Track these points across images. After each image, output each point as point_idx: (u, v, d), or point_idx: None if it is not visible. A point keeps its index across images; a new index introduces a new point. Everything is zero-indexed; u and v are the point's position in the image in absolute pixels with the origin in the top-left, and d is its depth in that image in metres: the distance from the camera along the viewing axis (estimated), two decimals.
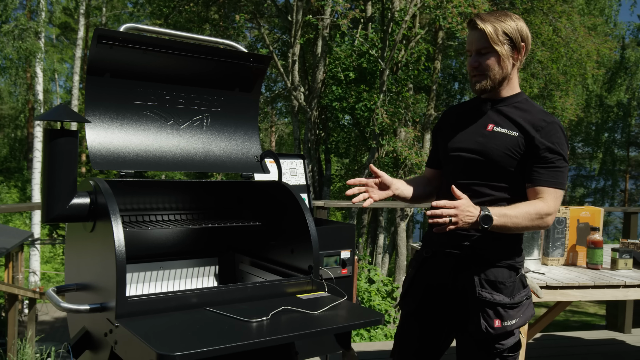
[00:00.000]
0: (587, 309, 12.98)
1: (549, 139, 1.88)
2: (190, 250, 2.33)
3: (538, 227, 1.89)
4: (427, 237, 2.13)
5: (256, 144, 2.25)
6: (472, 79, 1.96)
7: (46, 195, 1.65)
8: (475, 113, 2.02)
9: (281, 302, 1.72)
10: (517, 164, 1.91)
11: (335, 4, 9.56)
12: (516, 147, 1.89)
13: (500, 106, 1.98)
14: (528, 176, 1.91)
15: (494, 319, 1.89)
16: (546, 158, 1.88)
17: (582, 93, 17.65)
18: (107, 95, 1.92)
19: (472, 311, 1.92)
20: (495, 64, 1.91)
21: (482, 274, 1.92)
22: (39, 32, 16.99)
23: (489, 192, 1.94)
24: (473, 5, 9.26)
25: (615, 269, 3.02)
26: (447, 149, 2.04)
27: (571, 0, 15.17)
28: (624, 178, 28.68)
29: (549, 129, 1.89)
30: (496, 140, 1.92)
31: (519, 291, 1.95)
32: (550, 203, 1.88)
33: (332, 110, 12.10)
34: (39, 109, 18.76)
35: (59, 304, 1.62)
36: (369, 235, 14.35)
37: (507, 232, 1.88)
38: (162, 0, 13.87)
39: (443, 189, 2.07)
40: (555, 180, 1.89)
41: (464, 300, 1.95)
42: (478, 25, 1.89)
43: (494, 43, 1.88)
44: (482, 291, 1.91)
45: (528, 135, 1.89)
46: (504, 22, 1.90)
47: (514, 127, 1.92)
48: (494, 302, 1.90)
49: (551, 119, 1.91)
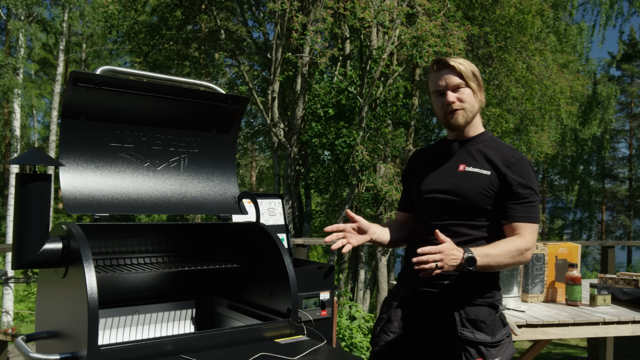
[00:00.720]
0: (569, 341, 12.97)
1: (520, 175, 1.92)
2: (166, 294, 2.28)
3: (519, 262, 1.91)
4: (404, 275, 2.12)
5: (234, 184, 2.24)
6: (451, 115, 1.99)
7: (17, 240, 1.61)
8: (445, 154, 2.06)
9: (259, 347, 1.68)
10: (493, 202, 1.93)
11: (313, 43, 9.69)
12: (490, 185, 1.92)
13: (468, 146, 2.02)
14: (503, 213, 1.93)
15: (476, 358, 1.88)
16: (519, 194, 1.91)
17: (557, 127, 18.02)
18: (83, 138, 1.90)
19: (454, 351, 1.91)
20: (472, 98, 1.98)
21: (463, 313, 1.91)
22: (17, 68, 16.92)
23: (467, 231, 1.95)
24: (448, 44, 9.47)
25: (595, 305, 3.03)
26: (421, 191, 2.05)
27: (543, 38, 15.62)
28: (600, 210, 29.09)
29: (519, 165, 1.93)
30: (469, 180, 1.94)
31: (499, 329, 1.95)
32: (528, 238, 1.90)
33: (312, 146, 12.15)
34: (15, 145, 18.54)
35: (28, 353, 1.56)
36: (350, 271, 14.27)
37: (489, 270, 1.89)
38: (142, 38, 13.94)
39: (418, 231, 2.08)
40: (530, 215, 1.92)
41: (444, 340, 1.94)
42: (450, 63, 1.95)
43: (468, 79, 1.95)
44: (464, 330, 1.89)
45: (500, 172, 1.92)
46: (469, 63, 1.99)
47: (486, 166, 1.95)
48: (475, 341, 1.89)
49: (519, 155, 1.96)
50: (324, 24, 9.52)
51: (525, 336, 2.69)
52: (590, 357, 5.78)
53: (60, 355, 1.54)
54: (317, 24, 9.64)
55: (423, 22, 9.56)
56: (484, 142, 2.02)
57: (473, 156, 1.99)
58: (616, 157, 29.96)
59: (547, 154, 14.33)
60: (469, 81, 1.95)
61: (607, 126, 25.80)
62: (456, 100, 1.96)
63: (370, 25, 10.18)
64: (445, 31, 9.76)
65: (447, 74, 1.97)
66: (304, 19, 9.89)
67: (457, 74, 1.95)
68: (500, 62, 12.43)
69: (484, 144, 2.01)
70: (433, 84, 2.02)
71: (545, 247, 3.16)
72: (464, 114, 1.98)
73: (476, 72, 1.98)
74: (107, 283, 2.11)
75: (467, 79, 1.95)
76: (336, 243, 1.95)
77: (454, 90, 1.97)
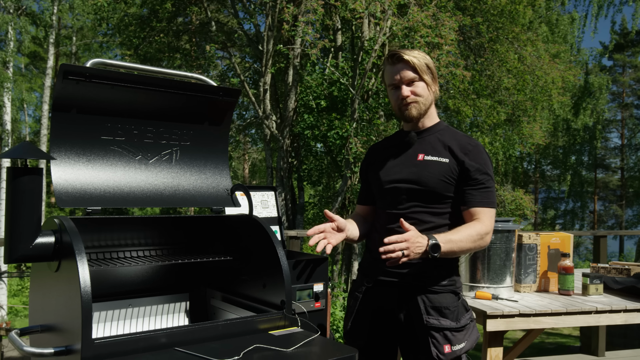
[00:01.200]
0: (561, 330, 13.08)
1: (477, 161, 1.98)
2: (160, 287, 2.28)
3: (479, 247, 1.97)
4: (366, 265, 2.16)
5: (226, 177, 2.23)
6: (405, 107, 2.04)
7: (9, 235, 1.60)
8: (403, 145, 2.10)
9: (253, 339, 1.69)
10: (454, 189, 1.99)
11: (305, 35, 9.66)
12: (449, 172, 1.98)
13: (425, 136, 2.07)
14: (461, 199, 1.99)
15: (443, 344, 1.94)
16: (477, 180, 1.97)
17: (549, 118, 18.07)
18: (74, 132, 1.89)
19: (421, 338, 1.96)
20: (425, 91, 2.03)
21: (427, 301, 1.97)
22: (7, 61, 16.78)
23: (430, 218, 2.00)
24: (440, 35, 9.46)
25: (587, 295, 3.05)
26: (382, 182, 2.09)
27: (535, 28, 15.64)
28: (592, 199, 29.26)
29: (475, 152, 2.00)
30: (429, 169, 1.99)
31: (462, 315, 2.01)
32: (487, 222, 1.96)
33: (304, 138, 12.14)
34: (6, 139, 18.42)
35: (22, 347, 1.56)
36: (344, 263, 14.30)
37: (452, 256, 1.95)
38: (133, 30, 13.84)
39: (380, 222, 2.12)
40: (488, 200, 1.98)
41: (411, 328, 1.99)
42: (405, 57, 2.00)
43: (422, 72, 2.00)
44: (429, 318, 1.95)
45: (458, 159, 1.98)
46: (423, 56, 2.03)
47: (444, 154, 2.01)
48: (441, 327, 1.94)
49: (475, 142, 2.03)
50: (315, 15, 9.49)
51: (518, 325, 2.70)
52: (582, 346, 5.82)
53: (55, 349, 1.53)
54: (308, 15, 9.61)
55: (414, 13, 9.54)
56: (440, 132, 2.08)
57: (431, 145, 2.05)
58: (608, 147, 30.09)
59: (539, 144, 14.39)
60: (422, 75, 2.01)
61: (600, 116, 25.91)
62: (410, 94, 2.02)
63: (361, 16, 10.15)
64: (437, 22, 9.75)
65: (402, 68, 2.02)
66: (294, 10, 9.84)
67: (412, 68, 2.00)
68: (492, 52, 12.44)
69: (440, 134, 2.07)
70: (389, 77, 2.07)
71: (538, 237, 3.18)
72: (417, 107, 2.03)
73: (430, 65, 2.03)
74: (101, 276, 2.11)
75: (421, 72, 2.00)
76: (319, 245, 1.99)
77: (409, 84, 2.01)
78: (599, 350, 5.39)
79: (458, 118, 13.96)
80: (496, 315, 2.66)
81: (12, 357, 12.24)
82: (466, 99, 12.77)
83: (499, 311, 2.67)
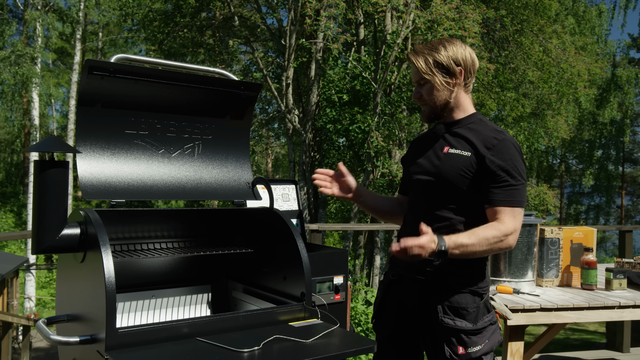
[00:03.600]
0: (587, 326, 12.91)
1: (501, 157, 1.88)
2: (182, 278, 2.32)
3: (500, 249, 1.88)
4: (393, 260, 2.12)
5: (248, 170, 2.26)
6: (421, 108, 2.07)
7: (36, 226, 1.64)
8: (432, 138, 2.08)
9: (273, 330, 1.71)
10: (470, 183, 1.91)
11: (327, 29, 9.65)
12: (469, 166, 1.91)
13: (455, 128, 2.02)
14: (485, 197, 1.91)
15: (457, 345, 1.89)
16: (500, 177, 1.87)
17: (575, 111, 17.79)
18: (98, 126, 1.93)
19: (438, 337, 1.93)
20: (431, 93, 1.98)
21: (446, 301, 1.92)
22: (35, 57, 17.11)
23: (447, 215, 1.95)
24: (463, 28, 9.37)
25: (610, 290, 3.02)
26: (410, 174, 2.09)
27: (562, 20, 15.38)
28: (619, 194, 28.75)
29: (500, 147, 1.89)
30: (451, 162, 1.95)
31: (482, 317, 1.93)
32: (508, 223, 1.86)
33: (327, 133, 12.15)
34: (34, 134, 18.79)
35: (48, 336, 1.61)
36: (366, 257, 14.30)
37: (465, 258, 1.88)
38: (157, 26, 13.98)
39: (406, 214, 2.13)
40: (511, 199, 1.88)
41: (429, 326, 1.96)
42: (411, 59, 1.99)
43: (426, 74, 1.96)
44: (445, 317, 1.91)
45: (479, 154, 1.90)
46: (436, 53, 1.96)
47: (467, 147, 1.94)
48: (456, 328, 1.89)
49: (502, 137, 1.92)
50: (337, 9, 9.47)
51: (540, 320, 2.69)
52: (608, 343, 5.75)
53: (80, 338, 1.58)
54: (330, 9, 9.59)
55: (438, 6, 9.46)
56: (470, 124, 2.01)
57: (457, 138, 2.01)
58: (636, 140, 29.51)
59: (564, 138, 14.18)
60: (427, 76, 1.96)
61: (627, 110, 25.41)
62: (418, 97, 2.02)
63: (384, 10, 10.10)
64: (460, 14, 9.66)
65: (412, 69, 2.02)
66: (317, 5, 9.84)
67: (417, 70, 1.98)
68: (516, 45, 12.28)
69: (470, 126, 2.00)
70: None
71: (561, 231, 3.15)
72: (425, 109, 2.02)
73: (442, 60, 1.95)
74: (125, 268, 2.15)
75: (425, 74, 1.96)
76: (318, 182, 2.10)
77: (419, 84, 2.01)
78: (624, 346, 5.33)
79: (482, 111, 13.83)
80: (517, 310, 2.65)
81: (41, 347, 12.52)
82: (490, 92, 12.64)
83: (520, 305, 2.65)
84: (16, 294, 13.59)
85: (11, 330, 6.93)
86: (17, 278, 13.67)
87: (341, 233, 22.46)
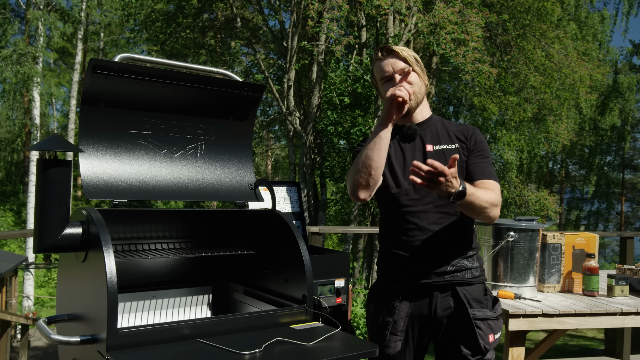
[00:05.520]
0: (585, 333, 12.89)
1: (479, 139, 2.02)
2: (183, 279, 2.31)
3: (490, 216, 1.90)
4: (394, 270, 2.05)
5: (250, 172, 2.25)
6: None
7: (38, 225, 1.63)
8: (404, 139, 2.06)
9: (274, 333, 1.70)
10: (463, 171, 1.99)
11: (329, 31, 9.66)
12: (460, 157, 1.99)
13: (425, 127, 2.06)
14: (470, 173, 1.98)
15: (488, 334, 1.95)
16: (483, 155, 2.00)
17: (576, 117, 17.79)
18: (101, 125, 1.93)
19: (467, 332, 1.95)
20: (418, 80, 2.00)
21: (468, 294, 1.98)
22: (37, 56, 17.12)
23: (447, 210, 1.98)
24: (466, 31, 9.38)
25: (612, 296, 3.01)
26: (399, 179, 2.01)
27: (564, 25, 15.39)
28: (619, 201, 28.73)
29: (476, 133, 2.04)
30: (445, 157, 1.98)
31: (495, 304, 2.04)
32: (499, 196, 1.95)
33: (328, 135, 12.15)
34: (35, 133, 18.78)
35: (49, 335, 1.60)
36: (365, 260, 14.29)
37: (464, 210, 1.88)
38: (159, 26, 13.99)
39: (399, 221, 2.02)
40: (494, 174, 2.00)
41: (450, 324, 1.98)
42: (394, 49, 1.99)
43: (412, 64, 1.99)
44: (473, 310, 1.96)
45: (463, 142, 2.01)
46: (409, 50, 2.03)
47: (450, 141, 2.02)
48: (485, 317, 1.96)
49: (471, 126, 2.07)
50: (339, 12, 9.48)
51: (541, 326, 2.68)
52: (607, 349, 5.74)
53: (81, 338, 1.57)
54: (333, 11, 9.60)
55: (440, 9, 9.47)
56: (438, 122, 2.08)
57: (434, 135, 2.03)
58: (637, 147, 29.50)
59: (565, 144, 14.18)
60: (413, 65, 1.98)
61: (628, 116, 25.42)
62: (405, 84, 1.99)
63: (386, 13, 10.11)
64: (463, 18, 9.66)
65: (390, 60, 2.00)
66: (319, 7, 9.84)
67: (402, 59, 1.98)
68: (518, 49, 12.28)
69: (438, 124, 2.07)
70: (379, 71, 2.04)
71: (563, 236, 3.14)
72: (414, 97, 1.99)
73: (417, 58, 2.02)
74: (126, 268, 2.14)
75: (411, 63, 1.98)
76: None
77: (401, 74, 1.99)
78: (624, 354, 5.31)
79: (484, 115, 13.83)
80: (519, 315, 2.64)
81: (39, 346, 12.50)
82: (492, 96, 12.64)
83: (522, 310, 2.65)
84: (15, 292, 13.56)
85: (10, 328, 6.91)
86: (16, 277, 13.64)
87: (340, 236, 22.44)
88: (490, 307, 2.00)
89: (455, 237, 2.00)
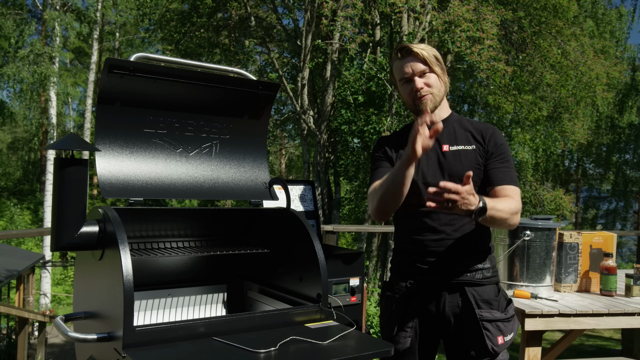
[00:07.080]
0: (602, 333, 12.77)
1: (499, 142, 1.98)
2: (198, 278, 2.32)
3: (510, 224, 1.90)
4: (404, 268, 2.06)
5: (265, 171, 2.25)
6: (420, 100, 1.98)
7: (55, 224, 1.65)
8: None
9: (289, 331, 1.70)
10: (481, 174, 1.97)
11: (343, 29, 9.64)
12: (477, 159, 1.97)
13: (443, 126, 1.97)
14: (488, 179, 1.96)
15: (496, 336, 1.93)
16: (503, 159, 1.96)
17: (592, 115, 17.59)
18: (118, 124, 1.94)
19: (473, 333, 1.93)
20: (437, 82, 1.99)
21: (476, 295, 1.96)
22: (53, 56, 17.30)
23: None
24: (481, 29, 9.31)
25: (630, 296, 2.97)
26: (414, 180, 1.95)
27: (580, 22, 15.23)
28: (636, 199, 28.37)
29: (495, 135, 2.00)
30: (460, 158, 1.97)
31: (507, 305, 2.01)
32: (519, 202, 1.93)
33: (342, 134, 12.13)
34: (52, 132, 18.98)
35: (66, 332, 1.61)
36: (379, 258, 14.26)
37: (488, 224, 1.89)
38: (174, 26, 14.07)
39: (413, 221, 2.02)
40: (515, 179, 1.97)
41: (459, 324, 1.97)
42: (413, 49, 1.97)
43: (432, 64, 1.97)
44: (481, 312, 1.94)
45: (481, 144, 1.98)
46: (431, 48, 2.01)
47: (467, 142, 1.99)
48: (493, 319, 1.93)
49: (492, 126, 2.03)
50: (354, 10, 9.45)
51: (558, 325, 2.65)
52: (624, 350, 5.67)
53: (97, 335, 1.58)
54: (347, 9, 9.58)
55: (455, 7, 9.41)
56: (457, 121, 2.06)
57: (452, 135, 2.01)
58: None
59: (581, 142, 14.03)
60: (433, 66, 1.97)
61: None
62: (424, 86, 1.97)
63: (401, 11, 10.06)
64: (478, 15, 9.59)
65: (411, 60, 1.98)
66: (333, 5, 9.83)
67: (421, 60, 1.97)
68: (534, 47, 12.17)
69: (456, 124, 2.05)
70: (399, 71, 2.02)
71: (580, 236, 3.11)
72: (432, 99, 1.98)
73: (438, 57, 2.00)
74: (142, 266, 2.16)
75: (431, 64, 1.97)
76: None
77: (421, 76, 1.98)
78: None
79: (498, 114, 13.74)
80: (535, 315, 2.62)
81: (56, 343, 12.63)
82: (507, 94, 12.55)
83: (538, 310, 2.62)
84: (32, 290, 13.72)
85: (27, 326, 6.99)
86: (33, 274, 13.81)
87: (354, 234, 22.42)
88: (501, 309, 1.97)
89: (467, 239, 1.98)
